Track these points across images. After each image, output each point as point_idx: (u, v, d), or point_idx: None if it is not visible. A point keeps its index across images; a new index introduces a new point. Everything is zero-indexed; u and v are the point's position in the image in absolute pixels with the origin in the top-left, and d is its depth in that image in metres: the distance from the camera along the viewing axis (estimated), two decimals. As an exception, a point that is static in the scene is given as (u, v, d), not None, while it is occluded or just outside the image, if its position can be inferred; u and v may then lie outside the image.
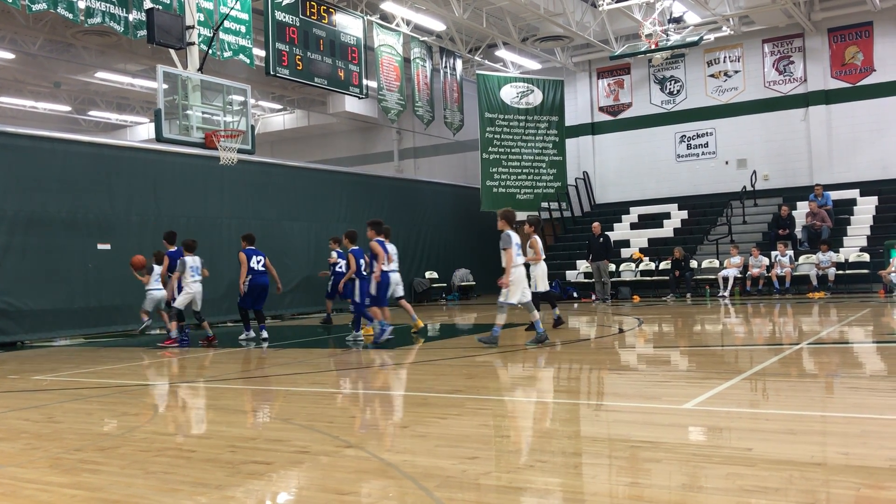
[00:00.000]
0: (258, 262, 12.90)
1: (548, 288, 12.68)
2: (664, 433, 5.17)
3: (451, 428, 5.63)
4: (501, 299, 10.18)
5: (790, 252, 18.98)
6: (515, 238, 10.07)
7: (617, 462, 4.49)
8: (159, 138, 13.43)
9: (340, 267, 14.73)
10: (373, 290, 11.32)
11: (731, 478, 3.97)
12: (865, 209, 20.85)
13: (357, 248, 12.23)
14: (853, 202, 21.24)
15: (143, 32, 13.98)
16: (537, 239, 12.31)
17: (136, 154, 16.71)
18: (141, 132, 32.16)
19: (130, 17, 14.36)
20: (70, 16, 13.43)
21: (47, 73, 25.67)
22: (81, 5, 13.71)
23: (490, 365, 9.02)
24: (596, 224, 20.13)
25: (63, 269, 14.53)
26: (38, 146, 14.57)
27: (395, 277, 12.69)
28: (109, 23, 14.10)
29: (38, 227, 14.26)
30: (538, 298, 11.72)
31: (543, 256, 12.41)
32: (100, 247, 15.10)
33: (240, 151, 14.19)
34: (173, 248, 13.00)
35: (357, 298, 11.64)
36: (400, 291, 13.32)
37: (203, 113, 13.85)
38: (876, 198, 20.98)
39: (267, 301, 19.13)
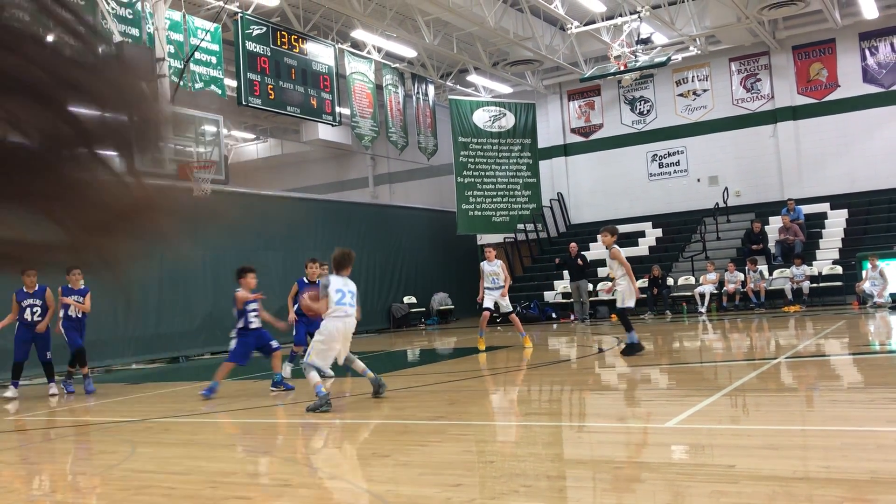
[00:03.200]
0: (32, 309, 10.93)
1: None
2: (647, 453, 5.16)
3: (434, 455, 5.59)
4: (305, 360, 7.99)
5: (760, 267, 19.16)
6: (336, 284, 7.95)
7: (601, 484, 4.47)
8: (131, 171, 13.32)
9: None
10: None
11: (715, 495, 3.97)
12: (836, 222, 21.13)
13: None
14: (824, 216, 21.52)
15: (113, 66, 13.92)
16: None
17: (109, 187, 16.54)
18: (113, 165, 31.87)
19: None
20: (38, 51, 13.35)
21: (16, 108, 25.46)
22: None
23: (471, 390, 8.99)
24: (573, 244, 20.22)
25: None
26: (8, 182, 14.39)
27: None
28: (79, 57, 14.02)
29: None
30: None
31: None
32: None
33: (213, 182, 14.13)
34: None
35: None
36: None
37: (175, 144, 13.79)
38: (846, 211, 21.28)
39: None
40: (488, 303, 13.27)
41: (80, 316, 11.26)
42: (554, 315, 21.31)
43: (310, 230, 20.69)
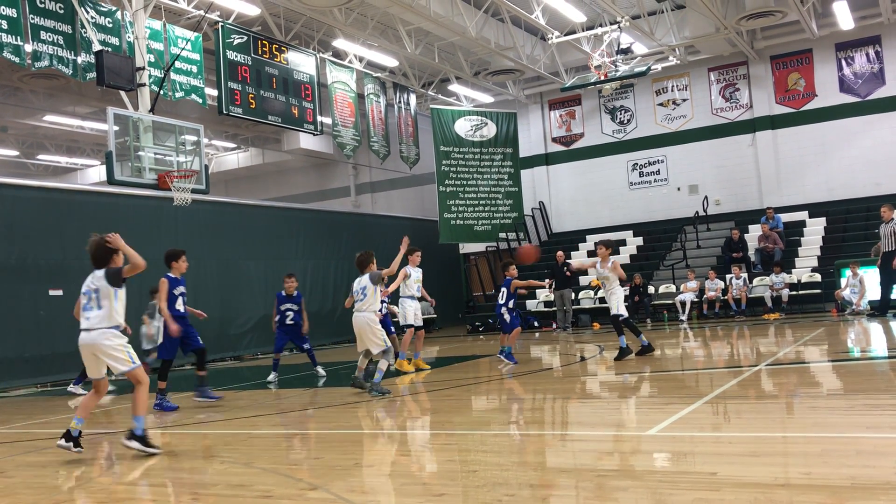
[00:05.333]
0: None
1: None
2: (630, 461, 5.18)
3: (417, 465, 5.58)
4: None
5: (744, 275, 19.31)
6: (354, 286, 9.50)
7: (584, 492, 4.47)
8: (111, 181, 13.25)
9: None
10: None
11: (697, 503, 3.99)
12: (815, 230, 21.33)
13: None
14: (802, 224, 21.72)
15: (93, 75, 13.83)
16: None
17: (88, 197, 16.43)
18: (92, 175, 31.67)
19: (79, 60, 14.20)
20: (17, 59, 13.24)
21: (-6, 117, 25.22)
22: (28, 49, 13.53)
23: (454, 399, 8.98)
24: (560, 253, 20.27)
25: (13, 317, 14.16)
26: (-14, 192, 14.27)
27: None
28: (57, 66, 13.93)
29: (-13, 275, 13.91)
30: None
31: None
32: (52, 293, 14.75)
33: (194, 191, 14.05)
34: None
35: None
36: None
37: (155, 154, 13.71)
38: (824, 219, 21.49)
39: (225, 341, 18.99)
40: (412, 318, 11.84)
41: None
42: (536, 324, 21.33)
43: (291, 240, 20.62)
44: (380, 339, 9.15)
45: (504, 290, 12.28)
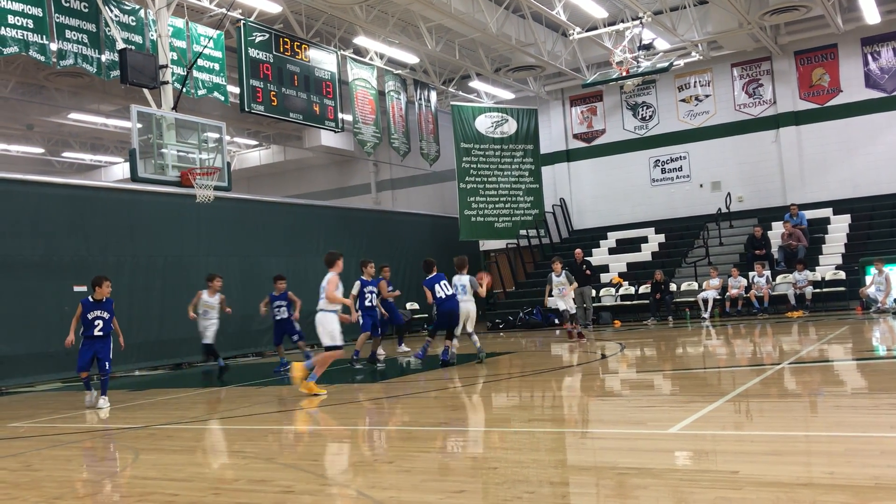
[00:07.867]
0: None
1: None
2: (651, 459, 5.15)
3: (437, 461, 5.59)
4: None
5: (767, 272, 19.14)
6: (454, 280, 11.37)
7: (604, 490, 4.46)
8: (134, 178, 13.35)
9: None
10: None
11: (718, 502, 3.97)
12: (839, 227, 21.09)
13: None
14: (827, 221, 21.48)
15: (117, 73, 13.95)
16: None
17: (111, 194, 16.59)
18: (116, 172, 31.97)
19: (103, 58, 14.33)
20: (42, 58, 13.38)
21: (19, 115, 25.51)
22: (53, 47, 13.67)
23: (473, 395, 8.98)
24: (578, 251, 20.18)
25: (38, 312, 14.33)
26: (11, 189, 14.43)
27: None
28: (82, 64, 14.06)
29: (12, 271, 14.07)
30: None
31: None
32: (76, 289, 14.90)
33: (216, 188, 14.14)
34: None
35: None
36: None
37: (178, 151, 13.79)
38: (849, 216, 21.24)
39: (246, 338, 19.13)
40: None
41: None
42: (556, 321, 21.27)
43: (312, 236, 20.69)
44: None
45: (374, 288, 13.30)
